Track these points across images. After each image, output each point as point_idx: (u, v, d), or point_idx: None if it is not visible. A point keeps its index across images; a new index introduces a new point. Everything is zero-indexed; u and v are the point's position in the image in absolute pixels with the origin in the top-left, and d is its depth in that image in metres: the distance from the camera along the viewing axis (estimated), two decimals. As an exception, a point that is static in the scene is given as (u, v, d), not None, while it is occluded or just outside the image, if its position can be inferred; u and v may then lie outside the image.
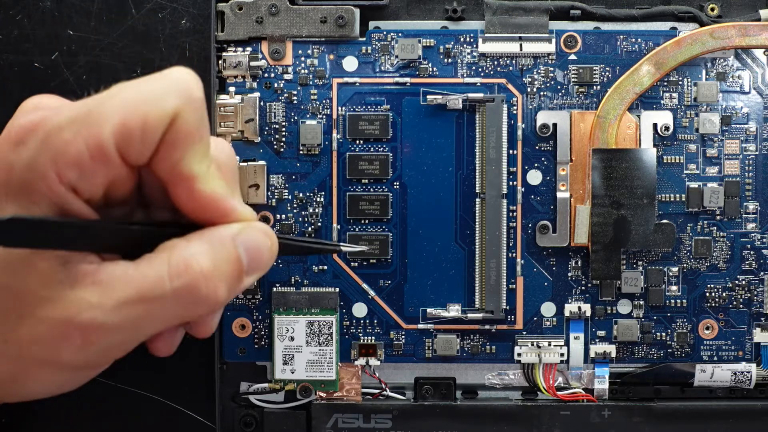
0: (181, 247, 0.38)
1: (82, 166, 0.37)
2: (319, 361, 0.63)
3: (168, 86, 0.38)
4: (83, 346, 0.38)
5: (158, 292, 0.38)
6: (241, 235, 0.40)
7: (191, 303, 0.38)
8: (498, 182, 0.62)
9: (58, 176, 0.37)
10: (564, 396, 0.64)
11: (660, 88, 0.63)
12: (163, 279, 0.38)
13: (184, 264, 0.38)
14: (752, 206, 0.63)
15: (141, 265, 0.38)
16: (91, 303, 0.37)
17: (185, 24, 0.63)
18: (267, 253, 0.41)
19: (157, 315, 0.38)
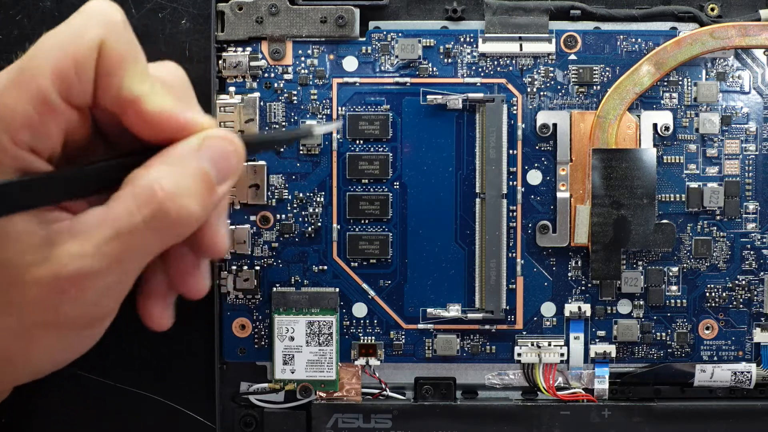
0: (142, 175, 0.39)
1: (33, 124, 0.37)
2: (319, 361, 0.63)
3: (86, 19, 0.39)
4: (78, 296, 0.38)
5: (131, 225, 0.38)
6: (202, 148, 0.40)
7: (166, 227, 0.38)
8: (498, 182, 0.62)
9: (14, 141, 0.37)
10: (564, 396, 0.64)
11: (660, 88, 0.63)
12: (131, 212, 0.38)
13: (148, 191, 0.38)
14: (752, 206, 0.63)
15: (109, 205, 0.38)
16: (72, 253, 0.38)
17: (185, 24, 0.63)
18: (234, 158, 0.41)
19: (138, 247, 0.38)
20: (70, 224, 0.38)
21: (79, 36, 0.38)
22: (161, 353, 0.63)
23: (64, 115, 0.38)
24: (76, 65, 0.38)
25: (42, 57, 0.37)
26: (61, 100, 0.38)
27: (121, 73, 0.39)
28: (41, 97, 0.37)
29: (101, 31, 0.38)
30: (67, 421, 0.63)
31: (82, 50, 0.38)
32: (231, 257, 0.63)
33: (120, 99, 0.39)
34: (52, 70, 0.37)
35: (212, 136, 0.40)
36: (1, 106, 0.37)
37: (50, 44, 0.38)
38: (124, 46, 0.39)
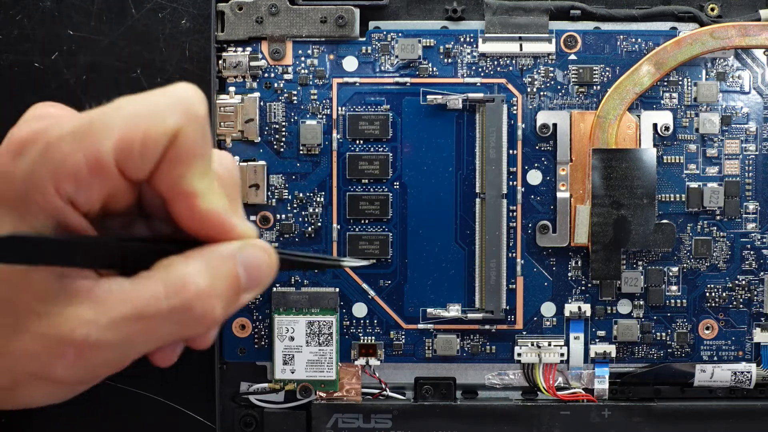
0: (178, 265, 0.38)
1: (80, 179, 0.37)
2: (319, 361, 0.63)
3: (171, 102, 0.38)
4: (76, 363, 0.38)
5: (153, 311, 0.37)
6: (240, 253, 0.40)
7: (187, 321, 0.38)
8: (498, 182, 0.62)
9: (56, 189, 0.37)
10: (564, 396, 0.64)
11: (660, 88, 0.63)
12: (158, 297, 0.37)
13: (181, 283, 0.38)
14: (752, 206, 0.63)
15: (137, 282, 0.38)
16: (85, 320, 0.37)
17: (185, 24, 0.63)
18: (266, 270, 0.41)
19: (152, 333, 0.38)
20: (90, 288, 0.38)
21: (158, 116, 0.37)
22: (161, 353, 0.63)
23: (113, 181, 0.38)
24: (143, 143, 0.37)
25: (114, 120, 0.37)
26: (115, 168, 0.37)
27: (186, 166, 0.38)
28: (97, 158, 0.36)
29: (182, 119, 0.37)
30: (67, 421, 0.63)
31: (155, 131, 0.37)
32: (231, 257, 0.63)
33: (176, 189, 0.38)
34: (118, 137, 0.36)
35: (252, 245, 0.40)
36: (57, 151, 0.36)
37: (127, 111, 0.37)
38: (198, 141, 0.38)
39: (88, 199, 0.38)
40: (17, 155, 0.37)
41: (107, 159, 0.37)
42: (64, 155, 0.36)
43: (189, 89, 0.39)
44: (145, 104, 0.38)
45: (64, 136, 0.37)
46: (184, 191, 0.38)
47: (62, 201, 0.37)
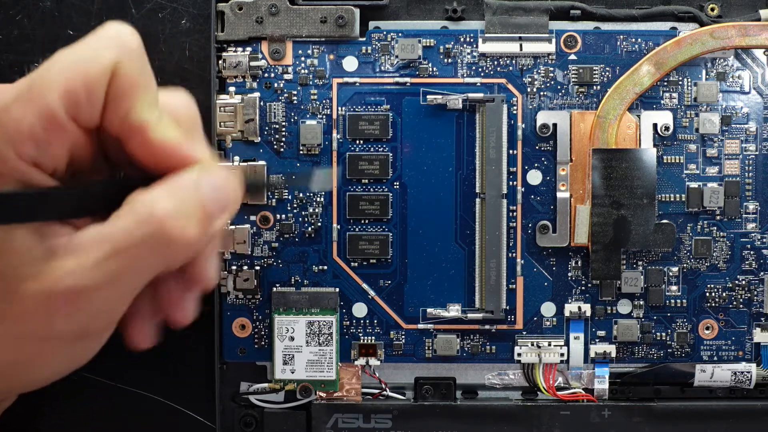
0: (143, 196, 0.39)
1: (38, 138, 0.38)
2: (319, 361, 0.63)
3: (102, 41, 0.39)
4: (72, 312, 0.38)
5: (129, 243, 0.38)
6: (200, 178, 0.40)
7: (163, 247, 0.39)
8: (498, 182, 0.62)
9: (17, 154, 0.38)
10: (564, 396, 0.64)
11: (660, 88, 0.63)
12: (130, 229, 0.38)
13: (147, 211, 0.38)
14: (752, 206, 0.63)
15: (110, 222, 0.39)
16: (69, 269, 0.38)
17: (185, 24, 0.63)
18: (230, 193, 0.41)
19: (135, 266, 0.39)
20: (69, 240, 0.38)
21: (93, 57, 0.38)
22: (161, 353, 0.63)
23: (70, 133, 0.39)
24: (86, 85, 0.38)
25: (53, 74, 0.38)
26: (68, 118, 0.38)
27: (131, 99, 0.39)
28: (48, 113, 0.37)
29: (116, 54, 0.38)
30: (68, 421, 0.63)
31: (94, 71, 0.38)
32: (231, 257, 0.63)
33: (127, 124, 0.39)
34: (62, 87, 0.37)
35: (209, 168, 0.40)
36: (7, 117, 0.37)
37: (63, 62, 0.38)
38: (137, 72, 0.39)
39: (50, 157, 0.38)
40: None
41: (58, 111, 0.38)
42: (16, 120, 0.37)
43: (118, 26, 0.40)
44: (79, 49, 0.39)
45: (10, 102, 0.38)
46: (134, 125, 0.39)
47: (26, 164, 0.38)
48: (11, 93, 0.38)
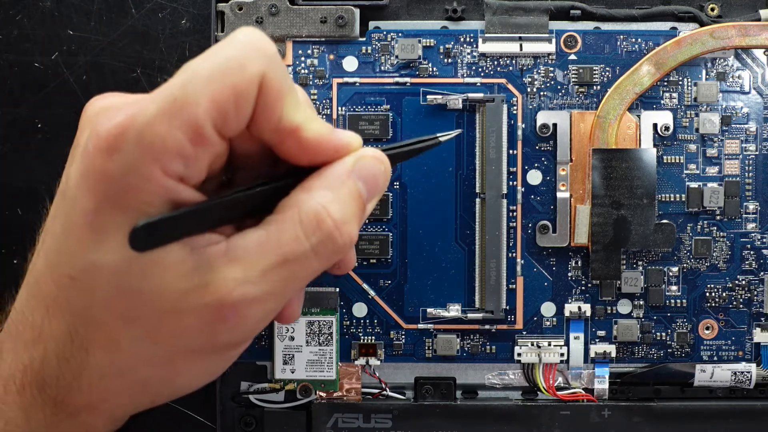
0: (306, 201, 0.38)
1: (185, 154, 0.36)
2: (319, 360, 0.63)
3: (245, 51, 0.37)
4: (238, 323, 0.38)
5: (299, 252, 0.37)
6: (355, 169, 0.39)
7: (330, 253, 0.38)
8: (498, 182, 0.62)
9: (164, 172, 0.36)
10: (564, 396, 0.64)
11: (660, 88, 0.63)
12: (299, 238, 0.37)
13: (315, 218, 0.38)
14: (752, 206, 0.63)
15: (271, 229, 0.38)
16: (237, 279, 0.37)
17: (185, 24, 0.63)
18: (382, 178, 0.41)
19: (301, 272, 0.38)
20: (227, 248, 0.37)
21: (239, 69, 0.36)
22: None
23: (216, 146, 0.37)
24: (236, 99, 0.36)
25: (198, 86, 0.36)
26: (215, 132, 0.37)
27: (281, 105, 0.38)
28: (195, 128, 0.36)
29: (262, 64, 0.37)
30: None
31: (243, 84, 0.36)
32: (231, 257, 0.63)
33: (279, 130, 0.38)
34: (209, 101, 0.36)
35: (365, 156, 0.40)
36: (152, 134, 0.36)
37: (207, 74, 0.36)
38: (283, 79, 0.38)
39: (196, 171, 0.37)
40: (112, 152, 0.36)
41: (206, 126, 0.36)
42: (162, 137, 0.36)
43: (252, 31, 0.38)
44: (220, 60, 0.37)
45: (153, 118, 0.36)
46: (287, 128, 0.38)
47: (173, 180, 0.37)
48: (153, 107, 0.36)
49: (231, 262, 0.37)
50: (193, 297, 0.37)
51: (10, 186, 0.63)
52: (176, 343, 0.38)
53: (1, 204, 0.64)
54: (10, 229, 0.63)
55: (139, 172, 0.36)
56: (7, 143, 0.63)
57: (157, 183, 0.36)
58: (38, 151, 0.63)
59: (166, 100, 0.36)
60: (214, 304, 0.37)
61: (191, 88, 0.36)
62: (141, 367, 0.39)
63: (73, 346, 0.38)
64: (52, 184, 0.65)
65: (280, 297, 0.38)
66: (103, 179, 0.37)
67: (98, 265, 0.37)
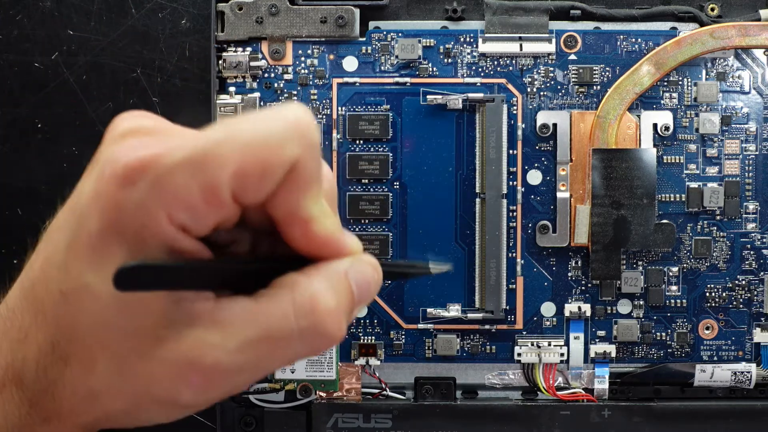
0: (304, 284, 0.38)
1: (195, 210, 0.36)
2: (319, 360, 0.63)
3: (287, 130, 0.37)
4: (204, 389, 0.37)
5: (284, 331, 0.37)
6: (352, 269, 0.39)
7: (316, 340, 0.38)
8: (498, 182, 0.62)
9: (169, 218, 0.36)
10: (564, 396, 0.64)
11: (660, 88, 0.63)
12: (288, 317, 0.37)
13: (310, 302, 0.37)
14: (752, 206, 0.63)
15: (262, 302, 0.37)
16: (213, 344, 0.37)
17: (185, 24, 0.63)
18: (374, 286, 0.41)
19: (281, 354, 0.38)
20: (213, 310, 0.37)
21: (276, 147, 0.36)
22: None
23: (227, 210, 0.37)
24: (262, 174, 0.36)
25: (229, 150, 0.35)
26: (230, 198, 0.37)
27: (302, 193, 0.37)
28: (214, 189, 0.35)
29: (300, 149, 0.36)
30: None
31: (274, 163, 0.36)
32: (231, 257, 0.63)
33: (290, 214, 0.38)
34: (236, 168, 0.35)
35: (363, 261, 0.40)
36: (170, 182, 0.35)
37: (242, 140, 0.36)
38: (314, 168, 0.37)
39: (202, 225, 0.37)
40: (126, 185, 0.36)
41: (223, 190, 0.36)
42: (178, 187, 0.35)
43: (302, 113, 0.38)
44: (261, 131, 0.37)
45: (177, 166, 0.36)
46: (300, 217, 0.38)
47: (175, 229, 0.36)
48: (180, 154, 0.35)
49: (212, 325, 0.37)
50: (166, 349, 0.37)
51: (10, 186, 0.63)
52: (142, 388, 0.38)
53: (1, 204, 0.64)
54: (10, 229, 0.63)
55: (146, 211, 0.36)
56: (7, 143, 0.63)
57: (159, 227, 0.36)
58: (38, 151, 0.63)
59: (195, 151, 0.36)
60: (182, 362, 0.37)
61: (224, 149, 0.36)
62: (108, 395, 0.39)
63: (53, 356, 0.39)
64: (52, 184, 0.65)
65: (251, 374, 0.38)
66: (113, 207, 0.37)
67: (90, 289, 0.37)
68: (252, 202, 0.37)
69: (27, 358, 0.39)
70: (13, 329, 0.39)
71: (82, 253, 0.37)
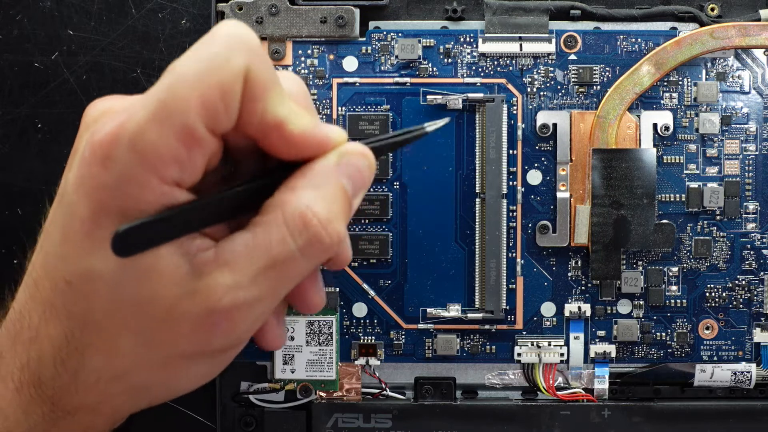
0: (291, 201, 0.38)
1: (181, 159, 0.36)
2: (319, 360, 0.63)
3: (227, 46, 0.37)
4: (231, 328, 0.37)
5: (287, 254, 0.37)
6: (340, 165, 0.39)
7: (318, 252, 0.38)
8: (498, 182, 0.62)
9: (161, 179, 0.36)
10: (564, 396, 0.64)
11: (660, 88, 0.63)
12: (285, 240, 0.37)
13: (301, 219, 0.37)
14: (752, 206, 0.63)
15: (258, 232, 0.37)
16: (227, 285, 0.37)
17: (185, 24, 0.63)
18: (367, 172, 0.40)
19: (290, 274, 0.38)
20: (216, 253, 0.37)
21: (223, 65, 0.36)
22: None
23: (209, 145, 0.37)
24: (223, 96, 0.36)
25: (186, 88, 0.35)
26: (206, 131, 0.36)
27: (265, 98, 0.37)
28: (188, 131, 0.35)
29: (245, 58, 0.36)
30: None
31: (228, 80, 0.36)
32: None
33: (263, 124, 0.38)
34: (198, 102, 0.35)
35: (349, 152, 0.39)
36: (144, 142, 0.35)
37: (192, 74, 0.36)
38: (267, 71, 0.37)
39: (192, 173, 0.37)
40: (105, 160, 0.36)
41: (198, 128, 0.36)
42: (155, 143, 0.35)
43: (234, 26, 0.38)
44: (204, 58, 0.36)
45: (144, 125, 0.35)
46: (271, 123, 0.38)
47: (169, 186, 0.36)
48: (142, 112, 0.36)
49: (220, 267, 0.37)
50: (186, 304, 0.37)
51: (10, 186, 0.63)
52: (171, 350, 0.38)
53: (1, 204, 0.64)
54: (10, 229, 0.63)
55: (134, 180, 0.36)
56: (7, 143, 0.63)
57: (154, 190, 0.36)
58: (38, 151, 0.63)
59: (154, 104, 0.36)
60: (205, 311, 0.37)
61: (179, 90, 0.36)
62: (137, 371, 0.39)
63: (68, 348, 0.39)
64: (52, 184, 0.65)
65: (270, 300, 0.38)
66: (99, 188, 0.37)
67: (94, 272, 0.37)
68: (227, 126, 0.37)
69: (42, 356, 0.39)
70: (24, 330, 0.39)
71: (78, 239, 0.37)
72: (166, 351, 0.38)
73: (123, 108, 0.38)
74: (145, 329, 0.38)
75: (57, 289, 0.38)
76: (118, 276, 0.37)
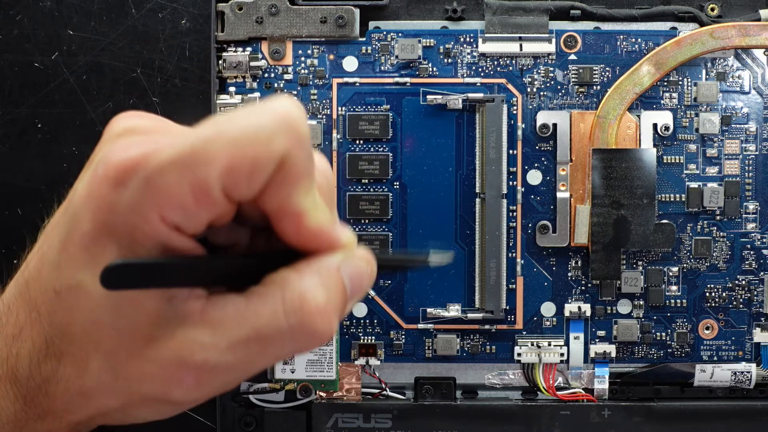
0: (294, 281, 0.37)
1: (186, 209, 0.36)
2: (319, 360, 0.63)
3: (275, 124, 0.37)
4: (195, 387, 0.37)
5: (274, 330, 0.37)
6: (344, 264, 0.39)
7: (306, 338, 0.37)
8: (498, 182, 0.62)
9: (162, 218, 0.36)
10: (564, 396, 0.64)
11: (660, 88, 0.63)
12: (278, 316, 0.37)
13: (299, 300, 0.37)
14: (752, 206, 0.63)
15: (252, 300, 0.37)
16: (203, 343, 0.36)
17: (185, 24, 0.63)
18: (367, 280, 0.40)
19: (271, 352, 0.38)
20: (204, 308, 0.37)
21: (263, 141, 0.35)
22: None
23: (220, 207, 0.37)
24: (251, 170, 0.35)
25: (217, 148, 0.35)
26: (222, 195, 0.37)
27: (293, 187, 0.37)
28: (204, 188, 0.35)
29: (288, 143, 0.36)
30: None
31: (262, 158, 0.35)
32: (231, 257, 0.63)
33: (282, 208, 0.38)
34: (225, 165, 0.35)
35: (355, 255, 0.39)
36: (161, 182, 0.35)
37: (231, 137, 0.35)
38: (304, 163, 0.37)
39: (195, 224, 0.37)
40: (118, 185, 0.36)
41: (214, 188, 0.36)
42: (169, 187, 0.35)
43: (290, 106, 0.37)
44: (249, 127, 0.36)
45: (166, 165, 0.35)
46: (291, 211, 0.37)
47: (168, 228, 0.36)
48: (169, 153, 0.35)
49: (203, 323, 0.37)
50: (158, 347, 0.37)
51: (10, 186, 0.63)
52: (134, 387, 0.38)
53: (1, 204, 0.64)
54: (10, 229, 0.63)
55: (138, 211, 0.36)
56: (7, 143, 0.63)
57: (153, 226, 0.36)
58: (38, 151, 0.63)
59: (184, 150, 0.36)
60: (174, 360, 0.37)
61: (212, 146, 0.36)
62: (100, 395, 0.39)
63: (47, 353, 0.39)
64: (51, 184, 0.65)
65: (242, 371, 0.38)
66: (105, 208, 0.37)
67: (83, 288, 0.37)
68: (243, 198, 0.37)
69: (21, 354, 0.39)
70: (9, 325, 0.39)
71: (75, 252, 0.37)
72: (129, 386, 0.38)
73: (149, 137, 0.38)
74: (115, 356, 0.38)
75: (45, 297, 0.38)
76: (102, 298, 0.37)
